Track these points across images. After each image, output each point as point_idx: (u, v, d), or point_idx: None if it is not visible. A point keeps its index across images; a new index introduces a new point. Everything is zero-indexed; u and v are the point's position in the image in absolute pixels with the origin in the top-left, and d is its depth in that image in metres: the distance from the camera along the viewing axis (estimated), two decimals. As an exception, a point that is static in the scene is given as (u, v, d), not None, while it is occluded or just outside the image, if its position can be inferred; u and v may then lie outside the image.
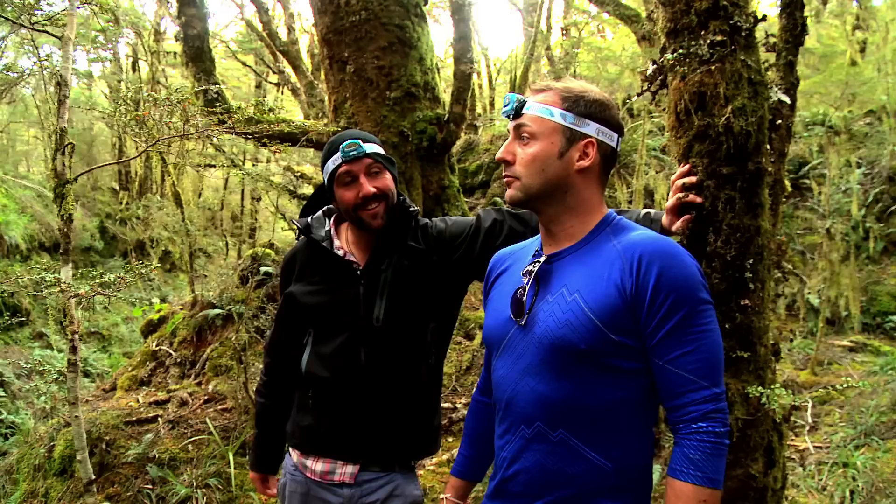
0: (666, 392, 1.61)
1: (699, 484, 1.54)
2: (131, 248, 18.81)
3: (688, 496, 1.54)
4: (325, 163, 2.30)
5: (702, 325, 1.58)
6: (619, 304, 1.59)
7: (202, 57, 7.48)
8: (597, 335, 1.58)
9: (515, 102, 1.75)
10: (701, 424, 1.55)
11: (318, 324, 2.34)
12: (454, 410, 6.01)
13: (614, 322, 1.58)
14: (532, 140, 1.72)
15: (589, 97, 1.73)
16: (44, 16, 4.51)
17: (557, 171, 1.71)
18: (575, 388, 1.63)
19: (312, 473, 2.32)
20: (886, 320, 8.67)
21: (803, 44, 2.44)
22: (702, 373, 1.57)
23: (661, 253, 1.59)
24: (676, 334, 1.57)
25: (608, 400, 1.62)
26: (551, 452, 1.65)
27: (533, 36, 14.74)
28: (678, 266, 1.59)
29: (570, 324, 1.61)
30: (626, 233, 1.70)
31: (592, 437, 1.63)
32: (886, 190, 10.01)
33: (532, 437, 1.68)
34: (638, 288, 1.58)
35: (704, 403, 1.56)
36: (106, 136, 21.39)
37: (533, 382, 1.68)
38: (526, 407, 1.69)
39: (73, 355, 3.92)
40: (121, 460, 5.15)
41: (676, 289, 1.56)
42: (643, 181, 8.13)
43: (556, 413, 1.64)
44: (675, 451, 1.59)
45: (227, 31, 21.76)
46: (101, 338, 14.62)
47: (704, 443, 1.55)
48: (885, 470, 4.90)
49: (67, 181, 3.55)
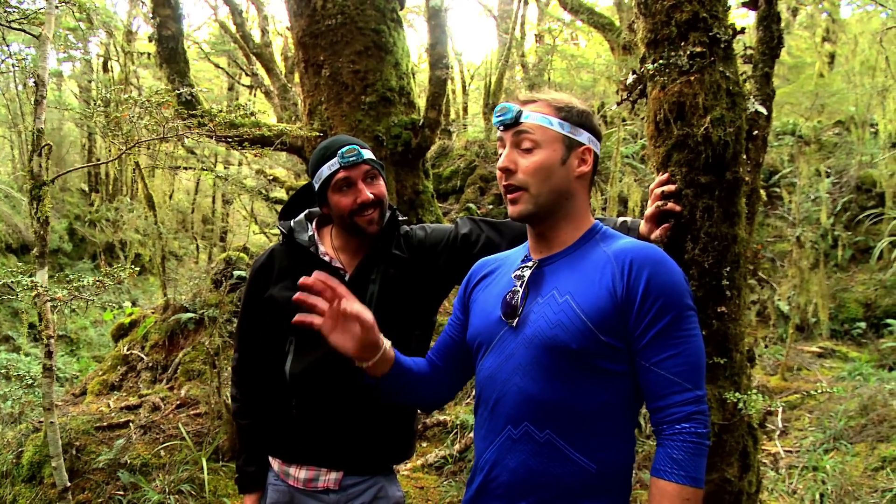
0: (651, 394, 1.65)
1: (683, 483, 1.57)
2: (101, 251, 18.56)
3: (672, 495, 1.58)
4: (317, 167, 2.28)
5: (687, 329, 1.63)
6: (609, 306, 1.62)
7: (176, 58, 7.44)
8: (587, 336, 1.61)
9: (514, 111, 1.75)
10: (684, 426, 1.60)
11: (302, 331, 2.29)
12: (428, 415, 6.01)
13: (604, 323, 1.62)
14: (536, 148, 1.73)
15: (577, 107, 1.79)
16: (19, 13, 4.43)
17: (561, 179, 1.74)
18: (563, 389, 1.65)
19: (296, 481, 2.29)
20: (854, 327, 8.83)
21: (779, 56, 2.49)
22: (686, 376, 1.61)
23: (651, 259, 1.64)
24: (663, 338, 1.61)
25: (595, 401, 1.65)
26: (537, 453, 1.66)
27: (507, 42, 14.81)
28: (666, 273, 1.64)
29: (562, 324, 1.64)
30: (615, 240, 1.75)
31: (578, 438, 1.65)
32: (854, 199, 10.21)
33: (518, 437, 1.69)
34: (628, 291, 1.62)
35: (688, 405, 1.61)
36: (75, 137, 21.10)
37: (522, 382, 1.69)
38: (514, 407, 1.70)
39: (49, 360, 3.85)
40: (91, 466, 5.07)
41: (664, 294, 1.61)
42: (617, 188, 8.19)
43: (544, 413, 1.66)
44: (659, 452, 1.63)
45: (200, 32, 21.62)
46: (69, 342, 14.39)
47: (687, 443, 1.59)
48: (853, 473, 4.99)
49: (44, 183, 3.50)
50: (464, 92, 18.79)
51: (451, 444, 5.50)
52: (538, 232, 1.81)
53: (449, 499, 4.84)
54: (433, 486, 5.07)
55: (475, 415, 1.88)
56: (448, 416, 5.91)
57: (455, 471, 5.22)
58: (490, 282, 1.92)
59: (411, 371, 1.93)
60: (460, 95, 18.68)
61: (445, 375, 2.02)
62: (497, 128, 1.80)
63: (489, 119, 14.57)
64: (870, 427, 5.57)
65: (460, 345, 1.98)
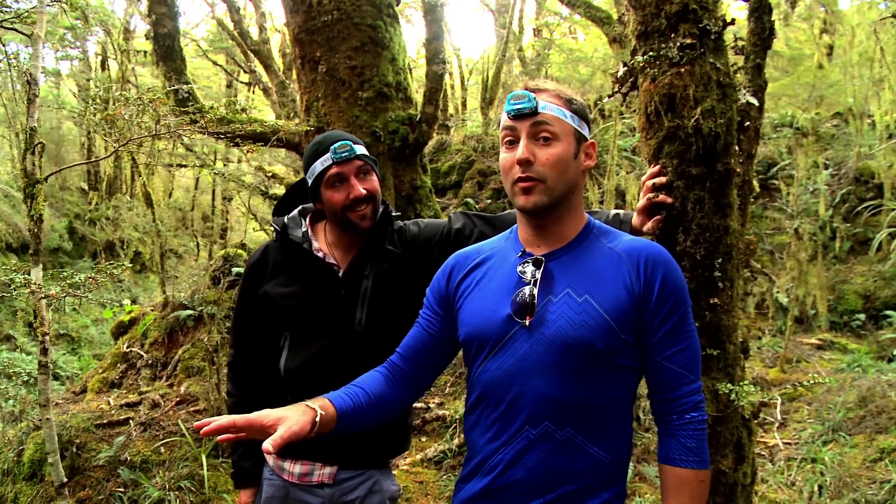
0: (661, 386, 1.71)
1: (699, 468, 1.68)
2: (101, 249, 18.58)
3: (691, 481, 1.67)
4: (310, 163, 2.28)
5: (691, 324, 1.72)
6: (627, 304, 1.66)
7: (173, 56, 7.42)
8: (611, 335, 1.64)
9: (533, 100, 1.71)
10: (693, 415, 1.69)
11: (297, 327, 2.31)
12: (427, 410, 6.03)
13: (624, 321, 1.65)
14: (554, 140, 1.71)
15: (578, 100, 1.79)
16: (12, 13, 4.44)
17: (574, 172, 1.75)
18: (586, 388, 1.66)
19: (290, 476, 2.31)
20: (853, 318, 8.83)
21: (771, 47, 2.49)
22: (691, 367, 1.71)
23: (662, 258, 1.70)
24: (673, 333, 1.68)
25: (610, 396, 1.69)
26: (556, 451, 1.67)
27: (505, 37, 14.78)
28: (675, 271, 1.71)
29: (587, 325, 1.64)
30: (615, 236, 1.78)
31: (595, 432, 1.68)
32: (853, 191, 10.20)
33: (537, 437, 1.68)
34: (644, 289, 1.67)
35: (695, 395, 1.70)
36: (74, 136, 21.09)
37: (541, 383, 1.67)
38: (533, 408, 1.68)
39: (44, 357, 3.86)
40: (92, 463, 5.08)
41: (675, 291, 1.68)
42: (614, 181, 8.19)
43: (565, 412, 1.66)
44: (669, 442, 1.70)
45: (198, 29, 21.60)
46: (70, 340, 14.42)
47: (698, 430, 1.69)
48: (851, 465, 5.00)
49: (38, 181, 3.51)
50: (462, 87, 18.78)
51: (451, 439, 5.51)
52: (541, 225, 1.78)
53: (448, 493, 4.84)
54: (432, 480, 5.08)
55: (475, 415, 1.83)
56: (447, 410, 5.92)
57: (454, 465, 5.23)
58: (480, 276, 1.87)
59: (361, 408, 1.84)
60: (459, 90, 18.67)
61: (413, 377, 1.96)
62: (508, 116, 1.75)
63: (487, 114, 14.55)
64: (868, 418, 5.58)
65: (438, 341, 1.93)
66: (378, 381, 1.92)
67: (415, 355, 1.95)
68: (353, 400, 1.83)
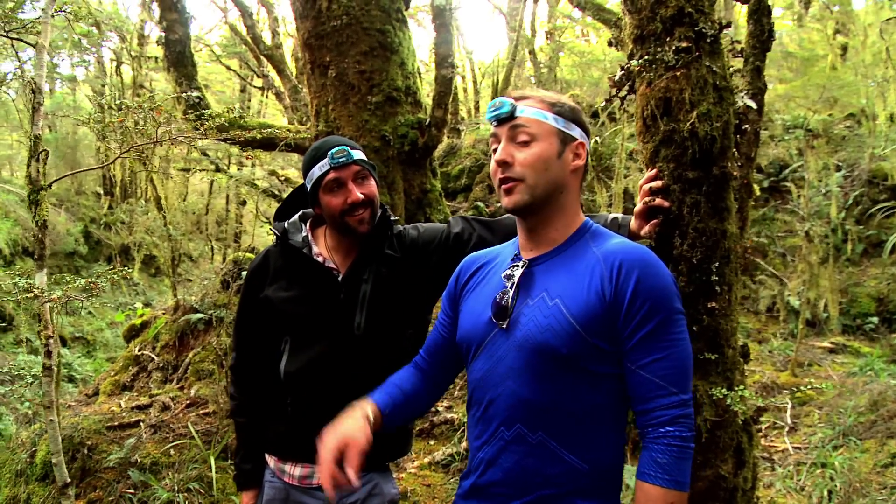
0: (636, 396, 1.65)
1: (667, 487, 1.58)
2: (116, 253, 18.71)
3: (656, 499, 1.58)
4: (309, 168, 2.30)
5: (674, 333, 1.63)
6: (597, 309, 1.63)
7: (184, 62, 7.47)
8: (577, 340, 1.62)
9: (509, 106, 1.75)
10: (668, 429, 1.60)
11: (297, 331, 2.32)
12: (436, 413, 6.02)
13: (592, 326, 1.62)
14: (533, 141, 1.73)
15: (568, 104, 1.80)
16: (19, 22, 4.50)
17: (557, 171, 1.74)
18: (555, 392, 1.65)
19: (291, 478, 2.32)
20: (866, 322, 8.76)
21: (770, 49, 2.48)
22: (671, 379, 1.61)
23: (640, 261, 1.64)
24: (650, 341, 1.61)
25: (586, 404, 1.66)
26: (530, 454, 1.67)
27: (515, 40, 14.78)
28: (655, 275, 1.64)
29: (553, 329, 1.64)
30: (605, 239, 1.75)
31: (570, 439, 1.66)
32: (865, 193, 10.12)
33: (511, 439, 1.70)
34: (616, 294, 1.62)
35: (673, 409, 1.61)
36: (90, 141, 21.20)
37: (514, 385, 1.69)
38: (506, 410, 1.70)
39: (48, 360, 3.92)
40: (102, 465, 5.13)
41: (653, 297, 1.61)
42: (622, 184, 8.17)
43: (537, 416, 1.67)
44: (644, 455, 1.63)
45: (212, 34, 21.71)
46: (85, 343, 14.54)
47: (672, 447, 1.59)
48: (862, 470, 4.96)
49: (42, 187, 3.55)
50: (475, 90, 18.77)
51: (459, 442, 5.51)
52: (530, 227, 1.80)
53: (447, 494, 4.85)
54: (440, 483, 5.08)
55: (468, 415, 1.88)
56: (455, 413, 5.92)
57: (462, 468, 5.21)
58: (480, 280, 1.92)
59: (399, 407, 1.96)
60: (472, 94, 18.66)
61: (434, 378, 2.03)
62: (491, 123, 1.80)
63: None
64: (880, 423, 5.53)
65: (451, 343, 1.97)
66: (411, 380, 2.02)
67: (433, 356, 2.03)
68: (392, 400, 1.95)
